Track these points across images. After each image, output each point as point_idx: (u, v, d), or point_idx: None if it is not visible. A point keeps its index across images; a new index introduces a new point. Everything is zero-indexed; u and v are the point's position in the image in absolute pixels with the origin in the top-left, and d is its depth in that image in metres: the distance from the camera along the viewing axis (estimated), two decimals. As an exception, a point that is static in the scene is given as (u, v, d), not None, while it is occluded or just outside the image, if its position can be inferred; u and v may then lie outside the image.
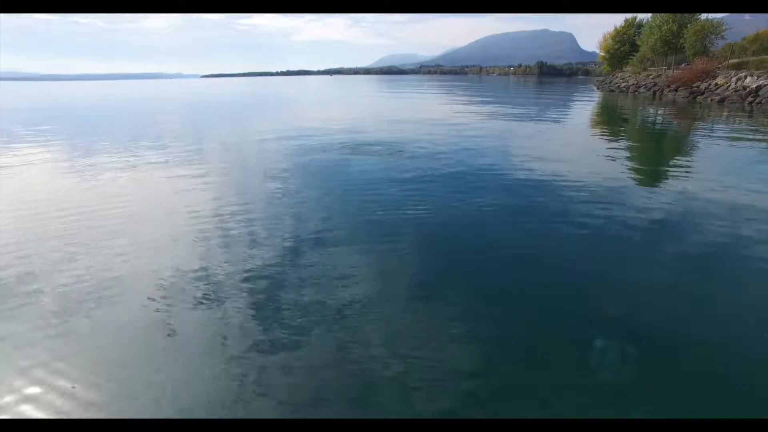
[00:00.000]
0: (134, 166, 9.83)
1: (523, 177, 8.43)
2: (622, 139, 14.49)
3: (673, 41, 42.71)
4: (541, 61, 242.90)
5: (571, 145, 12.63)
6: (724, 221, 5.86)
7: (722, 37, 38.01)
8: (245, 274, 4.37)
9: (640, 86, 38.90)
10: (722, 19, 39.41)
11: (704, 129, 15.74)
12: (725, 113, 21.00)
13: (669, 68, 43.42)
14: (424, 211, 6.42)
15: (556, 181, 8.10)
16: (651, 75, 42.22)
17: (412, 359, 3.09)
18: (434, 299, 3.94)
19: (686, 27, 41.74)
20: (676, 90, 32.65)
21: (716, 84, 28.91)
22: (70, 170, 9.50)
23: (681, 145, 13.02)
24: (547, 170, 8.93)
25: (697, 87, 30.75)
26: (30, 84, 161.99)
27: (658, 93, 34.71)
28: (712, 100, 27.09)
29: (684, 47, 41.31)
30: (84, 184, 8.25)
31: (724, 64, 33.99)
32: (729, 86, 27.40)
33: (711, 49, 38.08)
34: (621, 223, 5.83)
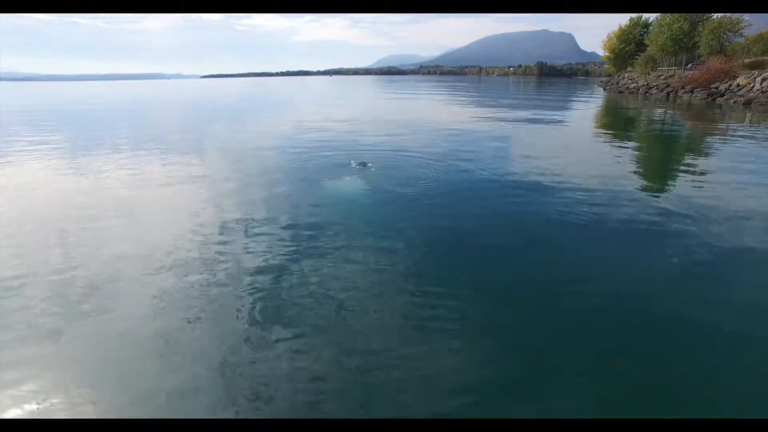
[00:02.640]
0: (133, 167, 9.57)
1: (545, 190, 7.44)
2: (652, 146, 12.39)
3: (684, 40, 40.72)
4: (541, 62, 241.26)
5: (594, 155, 10.54)
6: (741, 229, 5.60)
7: (741, 35, 35.89)
8: (245, 274, 4.33)
9: (651, 87, 36.73)
10: (739, 16, 37.35)
11: (740, 135, 13.60)
12: (754, 116, 18.87)
13: (679, 68, 41.42)
14: (425, 211, 6.30)
15: (579, 193, 7.28)
16: (662, 75, 40.08)
17: (412, 360, 3.05)
18: (435, 301, 3.86)
19: (698, 25, 39.86)
20: (691, 91, 30.53)
21: (738, 85, 26.76)
22: (69, 171, 9.29)
23: (722, 153, 10.88)
24: (573, 184, 7.81)
25: (716, 88, 28.64)
26: (29, 84, 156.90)
27: (671, 94, 32.54)
28: (735, 102, 24.91)
29: (697, 45, 39.34)
30: (83, 185, 8.13)
31: (738, 63, 31.88)
32: (753, 87, 25.26)
33: (728, 47, 35.91)
34: (633, 228, 5.66)
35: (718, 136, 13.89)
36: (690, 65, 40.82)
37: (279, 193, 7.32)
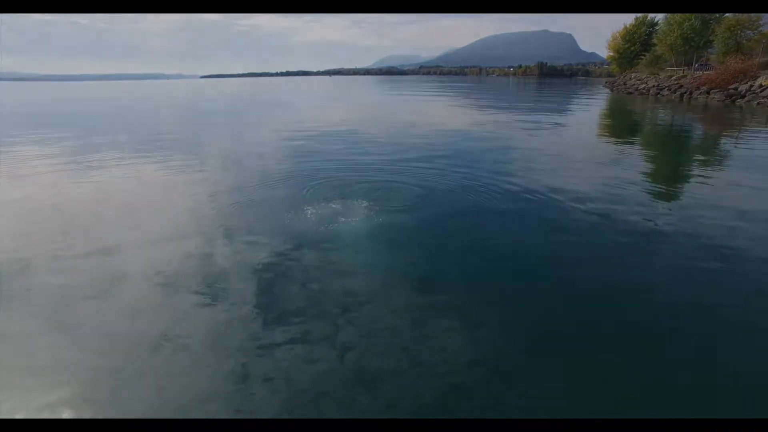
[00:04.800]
0: (131, 168, 9.43)
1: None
2: (687, 152, 10.66)
3: (695, 39, 38.98)
4: (542, 62, 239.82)
5: (617, 160, 8.83)
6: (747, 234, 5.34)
7: (760, 32, 34.13)
8: (244, 273, 4.29)
9: (663, 88, 34.94)
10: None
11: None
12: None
13: (689, 68, 39.68)
14: (425, 209, 6.26)
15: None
16: (673, 76, 38.30)
17: (413, 360, 3.02)
18: (435, 300, 3.85)
19: (710, 23, 38.21)
20: (708, 93, 28.79)
21: (761, 85, 24.98)
22: (68, 172, 9.14)
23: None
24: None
25: (735, 89, 26.89)
26: (29, 85, 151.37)
27: (685, 96, 30.79)
28: (759, 104, 23.16)
29: (710, 44, 37.68)
30: (81, 184, 8.07)
31: (755, 62, 30.10)
32: (778, 88, 23.50)
33: (745, 45, 34.12)
34: (639, 231, 5.48)
35: (753, 141, 12.12)
36: (696, 65, 39.16)
37: (280, 201, 6.96)
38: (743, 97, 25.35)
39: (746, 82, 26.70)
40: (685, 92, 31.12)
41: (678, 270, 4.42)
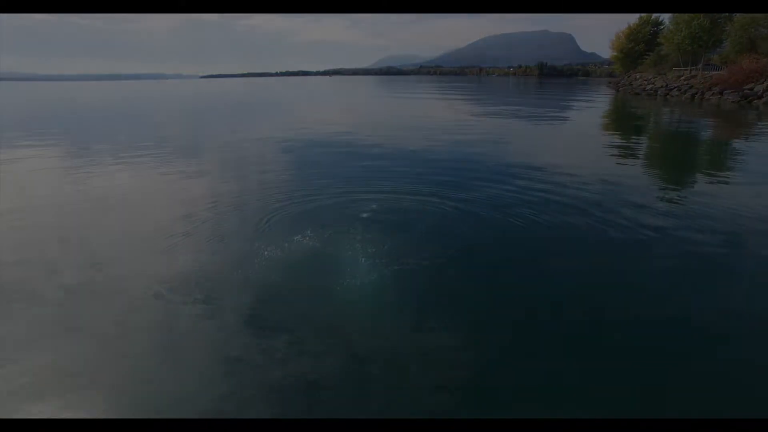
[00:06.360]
0: (130, 168, 9.37)
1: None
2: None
3: (704, 38, 37.89)
4: (542, 62, 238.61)
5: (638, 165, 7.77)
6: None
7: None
8: (243, 274, 4.29)
9: (672, 89, 33.84)
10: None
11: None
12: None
13: (695, 68, 38.59)
14: (424, 207, 6.28)
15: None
16: (682, 76, 37.21)
17: (411, 359, 3.02)
18: (434, 297, 3.88)
19: (718, 22, 37.18)
20: (720, 93, 27.71)
21: (778, 86, 23.91)
22: (67, 171, 9.20)
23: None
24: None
25: (750, 89, 25.80)
26: (28, 85, 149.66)
27: (696, 97, 29.70)
28: (778, 105, 22.09)
29: (720, 43, 36.64)
30: (80, 184, 7.97)
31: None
32: (798, 89, 22.41)
33: (759, 42, 33.02)
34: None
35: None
36: (699, 65, 38.12)
37: (281, 188, 7.09)
38: (760, 97, 24.26)
39: (762, 82, 25.62)
40: (696, 93, 30.02)
41: (682, 270, 4.41)
